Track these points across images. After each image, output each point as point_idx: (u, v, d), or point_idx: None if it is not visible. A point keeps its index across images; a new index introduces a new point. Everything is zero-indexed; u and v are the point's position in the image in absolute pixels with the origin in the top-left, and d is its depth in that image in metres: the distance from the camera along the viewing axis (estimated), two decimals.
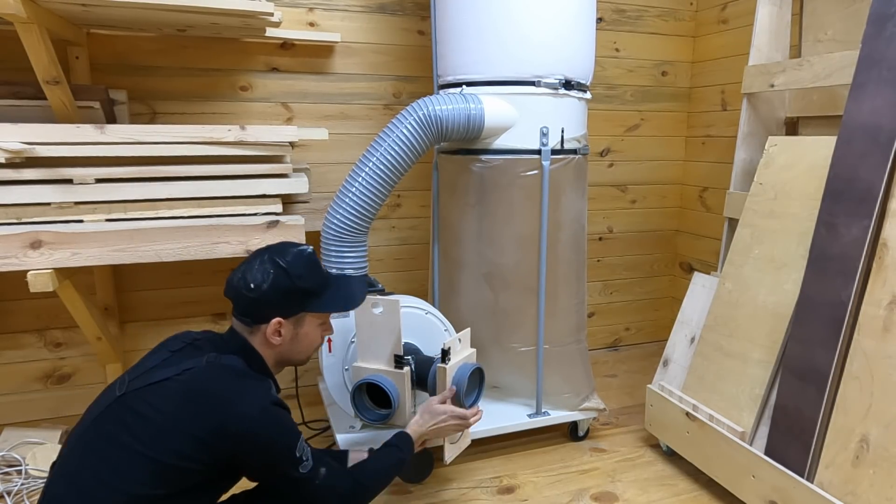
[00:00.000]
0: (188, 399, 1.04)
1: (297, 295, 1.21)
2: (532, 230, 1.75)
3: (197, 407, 1.04)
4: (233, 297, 1.20)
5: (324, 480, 1.15)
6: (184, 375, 1.07)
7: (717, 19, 2.52)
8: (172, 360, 1.13)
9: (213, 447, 1.03)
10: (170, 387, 1.06)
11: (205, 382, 1.07)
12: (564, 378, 1.87)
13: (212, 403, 1.04)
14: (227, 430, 1.03)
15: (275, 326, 1.19)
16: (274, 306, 1.19)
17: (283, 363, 1.27)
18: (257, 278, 1.17)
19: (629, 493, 1.67)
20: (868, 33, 1.41)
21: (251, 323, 1.20)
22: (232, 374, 1.11)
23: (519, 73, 1.67)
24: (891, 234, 1.32)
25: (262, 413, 1.06)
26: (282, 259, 1.20)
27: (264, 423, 1.06)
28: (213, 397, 1.05)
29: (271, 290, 1.17)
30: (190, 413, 1.03)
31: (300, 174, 1.72)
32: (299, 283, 1.20)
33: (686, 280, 2.73)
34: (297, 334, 1.24)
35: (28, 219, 1.47)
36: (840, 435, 1.34)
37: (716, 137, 2.56)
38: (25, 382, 2.02)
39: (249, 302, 1.18)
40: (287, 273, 1.19)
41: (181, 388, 1.06)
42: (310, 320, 1.26)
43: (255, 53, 2.06)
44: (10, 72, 1.80)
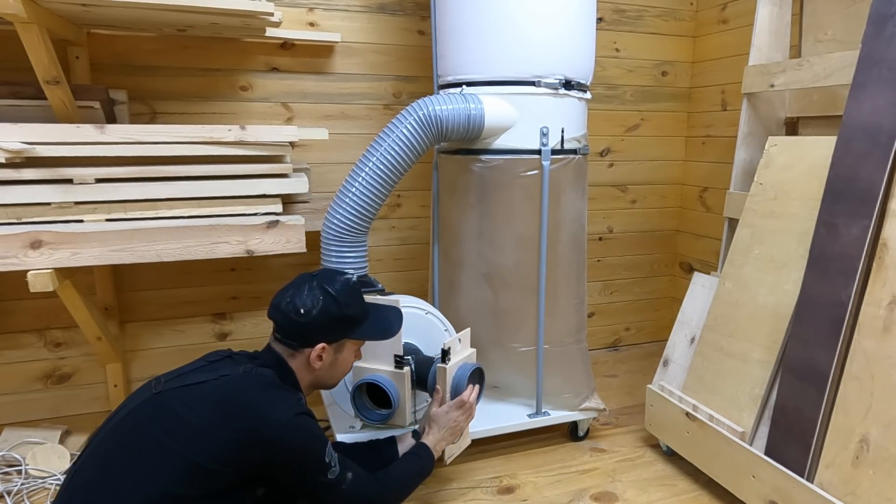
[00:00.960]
0: (223, 403, 1.08)
1: (343, 322, 1.27)
2: (532, 230, 1.75)
3: (232, 410, 1.07)
4: (280, 319, 1.24)
5: (350, 485, 1.19)
6: (220, 381, 1.12)
7: (717, 19, 2.52)
8: (209, 367, 1.18)
9: (246, 451, 1.06)
10: (206, 390, 1.10)
11: (240, 389, 1.11)
12: (564, 378, 1.87)
13: (246, 409, 1.08)
14: (259, 435, 1.06)
15: (318, 351, 1.25)
16: (321, 332, 1.25)
17: (316, 386, 1.33)
18: (307, 304, 1.23)
19: (629, 493, 1.67)
20: (868, 33, 1.41)
21: (297, 346, 1.25)
22: (266, 383, 1.15)
23: (519, 73, 1.67)
24: (891, 234, 1.32)
25: (293, 420, 1.10)
26: (331, 287, 1.26)
27: (295, 429, 1.10)
28: (248, 403, 1.09)
29: (321, 317, 1.23)
30: (224, 416, 1.06)
31: (300, 174, 1.72)
32: (346, 311, 1.26)
33: (686, 280, 2.73)
34: (336, 360, 1.31)
35: (28, 219, 1.47)
36: (840, 435, 1.34)
37: (716, 137, 2.56)
38: (25, 382, 2.02)
39: (298, 326, 1.23)
40: (336, 301, 1.25)
41: (217, 392, 1.10)
42: (349, 347, 1.33)
43: (255, 53, 2.06)
44: (10, 72, 1.80)
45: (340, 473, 1.17)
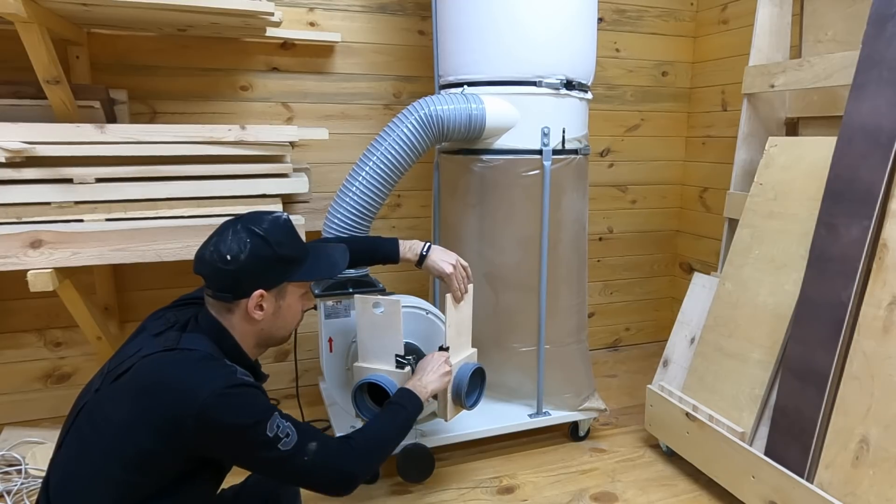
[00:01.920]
0: (141, 392, 0.98)
1: (278, 263, 1.13)
2: (533, 230, 1.75)
3: (151, 400, 0.97)
4: (207, 272, 1.10)
5: (315, 457, 1.05)
6: (138, 365, 1.01)
7: (718, 20, 2.52)
8: (139, 343, 1.06)
9: (177, 438, 0.97)
10: (127, 379, 1.00)
11: (157, 372, 1.00)
12: (565, 378, 1.87)
13: (164, 394, 0.97)
14: (184, 419, 0.96)
15: (256, 300, 1.11)
16: (255, 277, 1.10)
17: (265, 342, 1.19)
18: (234, 248, 1.08)
19: (629, 494, 1.67)
20: (868, 34, 1.41)
21: (231, 298, 1.10)
22: (187, 359, 1.02)
23: (520, 73, 1.67)
24: (891, 234, 1.32)
25: (219, 397, 0.98)
26: (258, 227, 1.11)
27: (221, 406, 0.98)
28: (165, 387, 0.98)
29: (251, 260, 1.08)
30: (145, 407, 0.97)
31: (300, 174, 1.72)
32: (280, 251, 1.12)
33: (686, 280, 2.73)
34: (279, 307, 1.16)
35: (28, 218, 1.47)
36: (840, 435, 1.34)
37: (716, 138, 2.56)
38: (25, 382, 2.02)
39: (227, 275, 1.08)
40: (266, 241, 1.10)
41: (135, 382, 1.00)
42: (292, 290, 1.18)
43: (255, 53, 2.06)
44: (10, 71, 1.80)
45: (298, 444, 1.04)
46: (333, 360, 1.70)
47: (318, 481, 1.08)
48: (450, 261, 1.51)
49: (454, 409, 1.54)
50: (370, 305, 1.51)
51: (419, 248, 1.51)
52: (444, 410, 1.52)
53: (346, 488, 1.12)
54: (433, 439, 1.70)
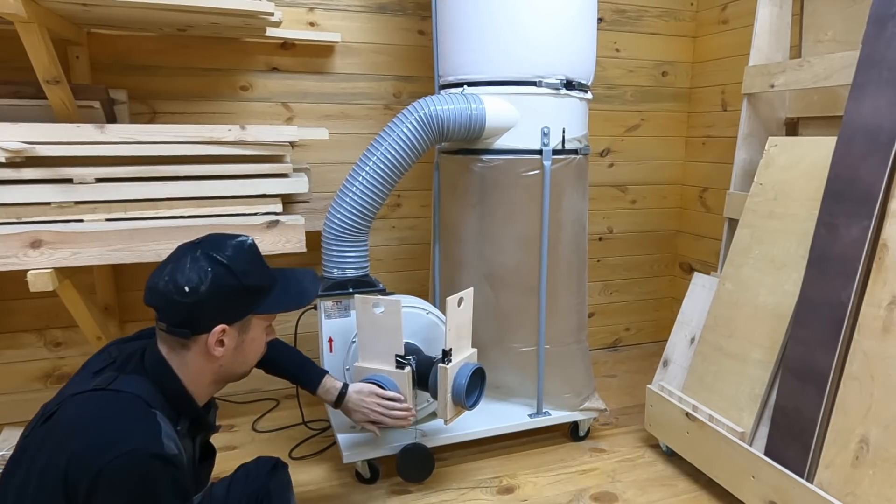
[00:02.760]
0: (60, 434, 0.88)
1: (244, 295, 1.02)
2: (533, 230, 1.75)
3: (64, 444, 0.86)
4: (160, 304, 0.98)
5: None
6: (64, 405, 0.91)
7: (718, 20, 2.52)
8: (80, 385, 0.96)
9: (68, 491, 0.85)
10: (52, 422, 0.90)
11: (77, 412, 0.89)
12: (565, 378, 1.87)
13: (77, 438, 0.86)
14: (80, 472, 0.84)
15: (218, 335, 1.00)
16: (216, 311, 0.99)
17: (224, 379, 1.08)
18: (193, 279, 0.97)
19: (629, 494, 1.67)
20: (868, 34, 1.41)
21: (189, 334, 0.99)
22: (113, 404, 0.90)
23: (520, 73, 1.67)
24: (891, 234, 1.32)
25: (122, 468, 0.84)
26: (220, 254, 1.00)
27: (120, 480, 0.84)
28: (80, 430, 0.87)
29: (213, 292, 0.97)
30: (58, 453, 0.86)
31: (300, 174, 1.72)
32: (245, 281, 1.01)
33: (686, 280, 2.73)
34: (242, 342, 1.05)
35: (28, 218, 1.47)
36: (840, 435, 1.34)
37: (716, 138, 2.56)
38: (25, 382, 2.02)
39: (184, 309, 0.97)
40: (230, 270, 0.99)
41: (57, 423, 0.90)
42: (256, 323, 1.08)
43: (255, 53, 2.06)
44: (10, 71, 1.80)
45: None
46: (333, 360, 1.70)
47: None
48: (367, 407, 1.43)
49: (454, 409, 1.54)
50: (370, 305, 1.51)
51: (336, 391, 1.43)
52: (444, 411, 1.52)
53: None
54: (433, 439, 1.70)
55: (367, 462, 1.68)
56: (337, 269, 1.67)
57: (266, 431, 1.99)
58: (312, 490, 1.67)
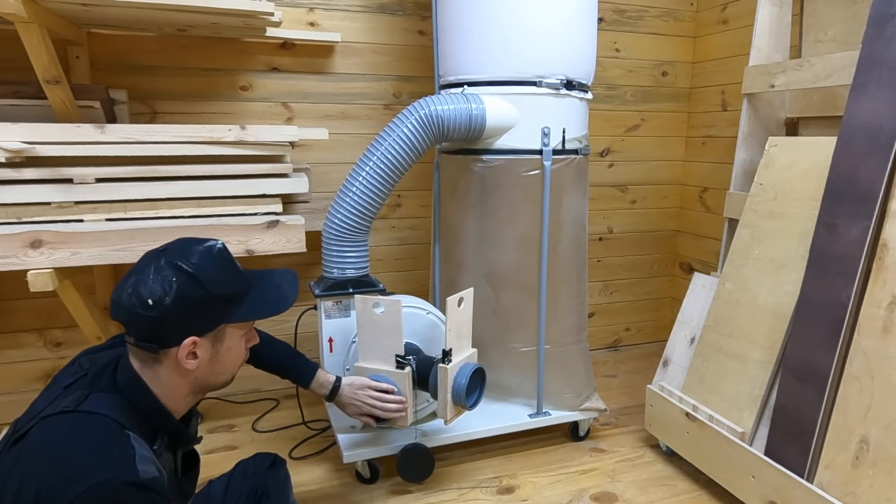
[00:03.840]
0: (27, 462, 0.83)
1: (213, 304, 0.95)
2: (533, 230, 1.75)
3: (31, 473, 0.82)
4: (125, 319, 0.93)
5: None
6: (34, 428, 0.86)
7: (718, 20, 2.52)
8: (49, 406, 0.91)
9: None
10: (21, 446, 0.86)
11: (45, 440, 0.84)
12: (565, 378, 1.87)
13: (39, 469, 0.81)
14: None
15: (188, 348, 0.94)
16: (184, 323, 0.93)
17: (202, 390, 1.02)
18: (156, 291, 0.90)
19: (629, 494, 1.67)
20: (868, 34, 1.41)
21: (156, 349, 0.93)
22: (82, 429, 0.85)
23: (520, 73, 1.67)
24: (891, 234, 1.32)
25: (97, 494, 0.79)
26: (185, 262, 0.93)
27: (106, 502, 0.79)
28: (46, 460, 0.82)
29: (179, 304, 0.91)
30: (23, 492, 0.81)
31: (300, 174, 1.72)
32: (214, 290, 0.95)
33: (686, 280, 2.73)
34: (217, 353, 0.99)
35: (28, 218, 1.47)
36: (840, 435, 1.34)
37: (716, 138, 2.56)
38: (25, 382, 2.02)
39: (150, 322, 0.91)
40: (196, 279, 0.93)
41: (26, 448, 0.85)
42: (231, 332, 1.00)
43: (255, 53, 2.06)
44: (10, 71, 1.80)
45: None
46: (333, 359, 1.70)
47: None
48: (360, 400, 1.43)
49: (454, 409, 1.54)
50: (370, 305, 1.51)
51: (330, 384, 1.41)
52: (444, 411, 1.52)
53: None
54: (433, 439, 1.70)
55: (367, 462, 1.68)
56: (337, 269, 1.67)
57: (266, 431, 1.99)
58: (312, 490, 1.67)
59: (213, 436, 1.95)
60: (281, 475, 1.23)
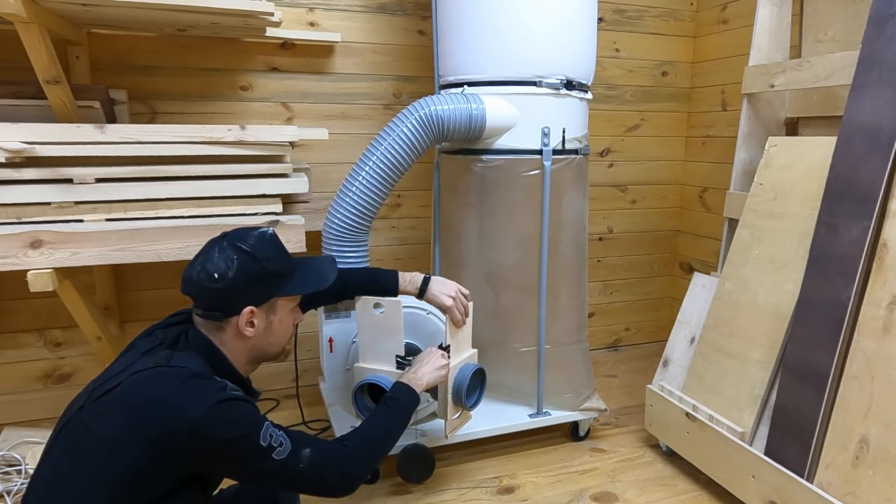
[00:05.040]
0: (132, 409, 0.97)
1: (267, 279, 1.13)
2: (533, 230, 1.75)
3: (141, 417, 0.96)
4: (195, 292, 1.10)
5: (310, 463, 1.05)
6: (128, 382, 1.00)
7: (718, 19, 2.52)
8: (130, 360, 1.06)
9: (168, 455, 0.96)
10: (116, 396, 0.99)
11: (147, 389, 0.99)
12: (565, 378, 1.87)
13: (154, 410, 0.96)
14: (175, 435, 0.95)
15: (247, 316, 1.11)
16: (244, 294, 1.10)
17: (258, 358, 1.19)
18: (221, 267, 1.08)
19: (629, 494, 1.67)
20: (868, 34, 1.41)
21: (221, 317, 1.10)
22: (177, 376, 1.00)
23: (520, 73, 1.67)
24: (891, 234, 1.32)
25: (210, 411, 0.97)
26: (244, 243, 1.11)
27: (213, 421, 0.97)
28: (156, 403, 0.97)
29: (239, 277, 1.08)
30: (135, 424, 0.96)
31: (300, 174, 1.72)
32: (269, 266, 1.12)
33: (686, 280, 2.73)
34: (270, 322, 1.16)
35: (28, 218, 1.47)
36: (840, 435, 1.34)
37: (716, 138, 2.56)
38: (25, 382, 2.02)
39: (215, 294, 1.08)
40: (253, 257, 1.10)
41: (125, 398, 0.98)
42: (282, 305, 1.18)
43: (255, 53, 2.06)
44: (10, 71, 1.80)
45: (293, 452, 1.03)
46: (333, 360, 1.70)
47: (318, 484, 1.08)
48: (449, 293, 1.50)
49: (455, 409, 1.54)
50: (371, 306, 1.51)
51: (419, 281, 1.50)
52: (445, 411, 1.52)
53: (348, 488, 1.13)
54: (433, 439, 1.70)
55: None
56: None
57: None
58: None
59: None
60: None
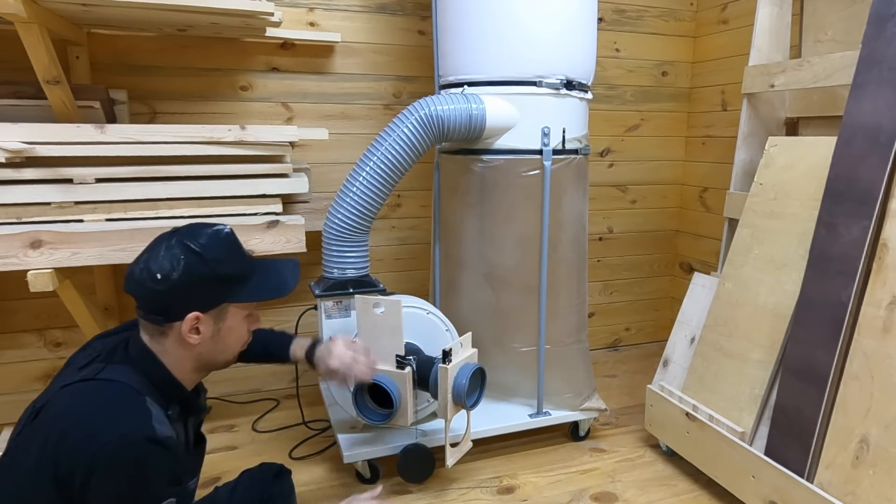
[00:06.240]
0: (51, 426, 0.89)
1: (217, 283, 1.03)
2: (533, 230, 1.75)
3: (57, 435, 0.88)
4: (136, 292, 1.00)
5: None
6: (54, 398, 0.93)
7: (718, 19, 2.52)
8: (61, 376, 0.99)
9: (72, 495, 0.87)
10: (40, 421, 0.92)
11: (68, 403, 0.91)
12: (565, 378, 1.87)
13: (70, 429, 0.88)
14: (76, 466, 0.86)
15: (191, 322, 1.01)
16: (189, 299, 1.00)
17: (205, 367, 1.09)
18: (165, 266, 0.98)
19: (629, 494, 1.67)
20: (868, 34, 1.41)
21: (162, 321, 1.01)
22: (103, 392, 0.91)
23: (520, 73, 1.67)
24: (891, 234, 1.32)
25: (115, 453, 0.86)
26: (194, 242, 1.01)
27: (114, 466, 0.86)
28: (72, 422, 0.88)
29: (185, 280, 0.99)
30: (50, 447, 0.87)
31: (300, 174, 1.72)
32: (219, 269, 1.02)
33: (686, 280, 2.73)
34: (219, 330, 1.06)
35: (28, 218, 1.47)
36: (840, 435, 1.34)
37: (716, 138, 2.56)
38: (25, 382, 2.02)
39: (157, 296, 0.99)
40: (203, 258, 1.00)
41: (48, 415, 0.92)
42: (233, 312, 1.07)
43: (255, 53, 2.06)
44: (10, 71, 1.80)
45: None
46: None
47: None
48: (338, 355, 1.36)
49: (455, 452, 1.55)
50: (371, 305, 1.51)
51: (307, 344, 1.39)
52: (445, 411, 1.52)
53: None
54: (433, 439, 1.70)
55: (367, 462, 1.68)
56: (337, 269, 1.67)
57: (266, 431, 1.99)
58: (312, 490, 1.67)
59: (214, 436, 1.95)
60: (286, 485, 1.25)
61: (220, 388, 2.22)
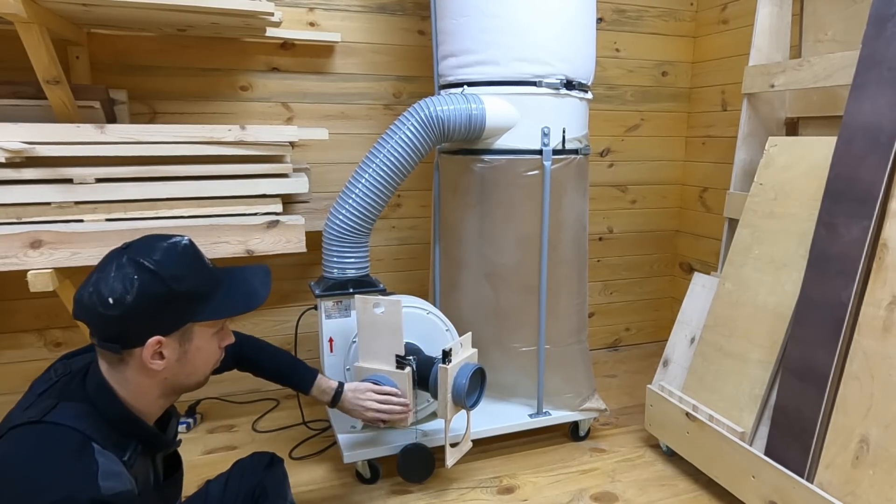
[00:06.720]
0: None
1: (177, 302, 0.91)
2: (533, 230, 1.75)
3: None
4: (87, 319, 0.89)
5: None
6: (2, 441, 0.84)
7: (718, 19, 2.52)
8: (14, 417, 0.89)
9: None
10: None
11: (6, 455, 0.82)
12: (565, 378, 1.87)
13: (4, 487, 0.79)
14: None
15: (153, 348, 0.90)
16: (148, 322, 0.89)
17: (174, 392, 0.98)
18: (117, 289, 0.87)
19: (629, 494, 1.67)
20: (868, 34, 1.41)
21: (119, 349, 0.89)
22: (45, 443, 0.81)
23: (520, 73, 1.67)
24: (891, 234, 1.32)
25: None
26: (147, 259, 0.89)
27: None
28: (6, 480, 0.79)
29: (140, 302, 0.87)
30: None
31: (300, 174, 1.72)
32: (178, 287, 0.90)
33: (686, 280, 2.73)
34: (185, 352, 0.94)
35: (28, 218, 1.47)
36: (840, 435, 1.34)
37: (716, 138, 2.56)
38: (25, 382, 2.02)
39: (111, 322, 0.87)
40: (158, 276, 0.89)
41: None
42: (200, 331, 0.96)
43: (255, 53, 2.06)
44: (10, 71, 1.80)
45: None
46: (333, 360, 1.70)
47: None
48: (364, 404, 1.41)
49: (455, 452, 1.55)
50: (371, 305, 1.51)
51: (332, 389, 1.40)
52: (445, 411, 1.52)
53: None
54: (433, 439, 1.70)
55: (367, 462, 1.68)
56: (337, 269, 1.67)
57: (266, 431, 1.99)
58: (313, 490, 1.67)
59: (213, 436, 1.95)
60: (278, 474, 1.23)
61: (220, 388, 2.23)
